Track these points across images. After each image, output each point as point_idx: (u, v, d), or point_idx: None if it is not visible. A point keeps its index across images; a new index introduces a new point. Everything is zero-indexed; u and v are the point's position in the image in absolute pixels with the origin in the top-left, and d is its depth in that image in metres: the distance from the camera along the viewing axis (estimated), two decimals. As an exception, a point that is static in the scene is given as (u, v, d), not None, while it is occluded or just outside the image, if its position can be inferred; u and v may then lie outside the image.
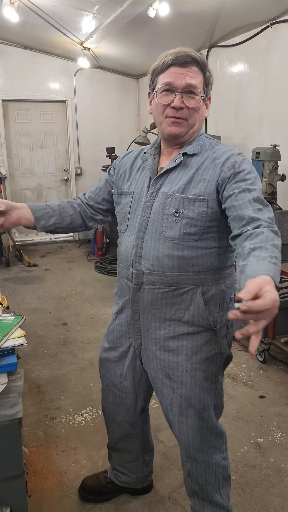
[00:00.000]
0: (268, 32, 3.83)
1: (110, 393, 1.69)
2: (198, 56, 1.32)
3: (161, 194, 1.37)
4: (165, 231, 1.35)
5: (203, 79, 1.34)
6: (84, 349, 3.29)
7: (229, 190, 1.27)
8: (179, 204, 1.33)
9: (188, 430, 1.49)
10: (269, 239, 1.10)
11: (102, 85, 6.48)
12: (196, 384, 1.44)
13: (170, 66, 1.31)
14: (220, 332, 1.44)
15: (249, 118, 4.27)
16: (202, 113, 1.39)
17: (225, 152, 1.35)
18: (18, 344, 1.38)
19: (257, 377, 2.89)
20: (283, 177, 3.36)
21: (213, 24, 4.13)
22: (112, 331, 1.62)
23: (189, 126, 1.36)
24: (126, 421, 1.72)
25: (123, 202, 1.49)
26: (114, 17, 4.15)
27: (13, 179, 6.43)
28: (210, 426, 1.50)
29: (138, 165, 1.50)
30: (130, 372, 1.60)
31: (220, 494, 1.58)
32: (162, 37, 4.46)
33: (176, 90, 1.31)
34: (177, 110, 1.32)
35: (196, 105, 1.33)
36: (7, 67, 5.93)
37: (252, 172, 1.31)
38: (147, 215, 1.39)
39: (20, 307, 4.09)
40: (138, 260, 1.40)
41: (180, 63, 1.30)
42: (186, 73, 1.30)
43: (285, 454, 2.17)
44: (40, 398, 2.65)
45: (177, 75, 1.30)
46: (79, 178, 6.74)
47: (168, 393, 1.48)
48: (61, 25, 4.70)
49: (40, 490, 1.96)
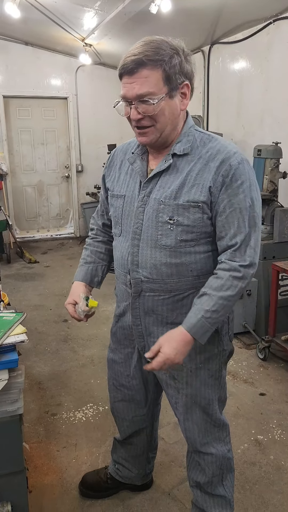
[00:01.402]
0: (270, 28, 3.81)
1: (119, 392, 1.69)
2: (144, 56, 1.17)
3: (153, 200, 1.31)
4: (161, 239, 1.30)
5: (162, 75, 1.19)
6: (85, 346, 3.29)
7: (220, 204, 1.25)
8: (173, 211, 1.28)
9: (194, 427, 1.50)
10: (222, 288, 1.25)
11: (103, 81, 6.46)
12: (201, 383, 1.45)
13: (121, 76, 1.23)
14: (222, 330, 1.44)
15: (250, 115, 4.26)
16: (170, 113, 1.25)
17: (220, 152, 1.26)
18: (19, 340, 1.38)
19: (258, 374, 2.89)
20: (284, 175, 3.36)
21: (215, 20, 4.11)
22: (115, 333, 1.61)
23: (159, 131, 1.26)
24: (137, 416, 1.72)
25: (116, 205, 1.44)
26: (116, 13, 4.13)
27: (14, 176, 6.42)
28: (214, 419, 1.51)
29: (127, 165, 1.43)
30: (138, 372, 1.60)
31: (223, 486, 1.59)
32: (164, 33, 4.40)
33: (130, 103, 1.23)
34: (136, 121, 1.25)
35: (153, 112, 1.21)
36: (9, 64, 5.92)
37: (246, 181, 1.25)
38: (140, 221, 1.34)
39: (21, 303, 4.09)
40: (135, 269, 1.36)
41: (127, 71, 1.20)
42: (135, 81, 1.19)
43: (285, 452, 2.18)
44: (41, 395, 2.65)
45: (127, 85, 1.21)
46: (80, 175, 6.73)
47: (173, 393, 1.49)
48: (62, 21, 4.69)
49: (40, 486, 1.96)
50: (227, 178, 1.24)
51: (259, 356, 3.09)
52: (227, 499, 1.61)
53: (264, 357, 3.05)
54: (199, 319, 1.24)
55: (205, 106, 5.05)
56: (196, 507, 1.66)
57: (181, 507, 1.85)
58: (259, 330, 3.36)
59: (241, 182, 1.24)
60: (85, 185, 6.73)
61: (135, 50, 1.20)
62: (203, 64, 4.93)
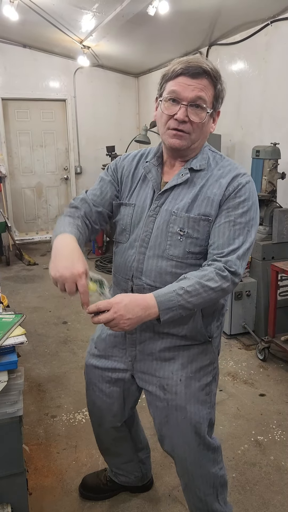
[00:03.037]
0: (269, 29, 3.82)
1: (98, 399, 1.64)
2: (211, 68, 1.23)
3: (164, 211, 1.33)
4: (169, 249, 1.32)
5: (214, 93, 1.27)
6: (84, 347, 3.29)
7: (219, 214, 1.28)
8: (184, 223, 1.29)
9: (184, 445, 1.46)
10: (203, 277, 1.20)
11: (102, 83, 6.47)
12: (191, 395, 1.41)
13: (179, 75, 1.23)
14: (214, 342, 1.44)
15: (249, 116, 4.27)
16: (206, 129, 1.31)
17: (231, 171, 1.31)
18: (18, 342, 1.38)
19: (257, 375, 2.89)
20: (283, 175, 3.36)
21: (213, 22, 4.12)
22: (104, 339, 1.57)
23: (191, 141, 1.29)
24: (113, 427, 1.68)
25: (123, 212, 1.43)
26: (113, 15, 4.14)
27: (13, 178, 6.42)
28: (207, 442, 1.47)
29: (140, 175, 1.43)
30: (120, 381, 1.55)
31: (218, 502, 1.57)
32: (162, 35, 4.45)
33: (181, 101, 1.23)
34: (179, 123, 1.25)
35: (200, 121, 1.25)
36: (7, 66, 5.92)
37: (249, 199, 1.28)
38: (149, 230, 1.35)
39: (20, 305, 4.09)
40: (139, 276, 1.36)
41: (190, 74, 1.22)
42: (195, 85, 1.22)
43: (285, 452, 2.18)
44: (41, 397, 2.65)
45: (185, 86, 1.22)
46: (79, 176, 6.73)
47: (162, 406, 1.44)
48: (60, 24, 4.69)
49: (40, 487, 1.96)
50: (233, 193, 1.27)
51: (258, 356, 3.09)
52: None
53: (263, 357, 3.05)
54: (170, 291, 1.19)
55: (203, 108, 5.05)
56: None
57: (181, 508, 1.85)
58: (259, 330, 3.36)
59: (244, 198, 1.27)
60: (84, 187, 6.72)
61: (199, 59, 1.24)
62: (201, 65, 4.93)
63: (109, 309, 1.15)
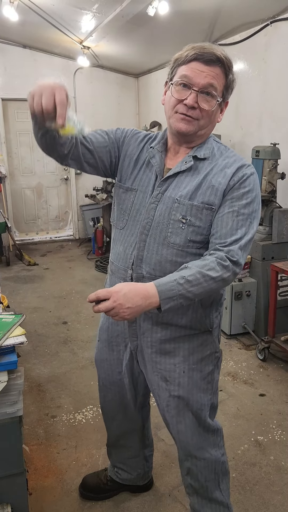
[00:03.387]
0: (268, 30, 3.82)
1: (109, 391, 1.68)
2: (225, 56, 1.23)
3: (167, 198, 1.32)
4: (170, 237, 1.31)
5: (225, 83, 1.27)
6: (85, 347, 3.29)
7: (223, 203, 1.28)
8: (187, 211, 1.29)
9: (187, 430, 1.49)
10: (204, 267, 1.19)
11: (101, 84, 6.47)
12: (193, 385, 1.44)
13: (192, 60, 1.22)
14: (214, 332, 1.44)
15: (249, 116, 4.27)
16: (214, 118, 1.32)
17: (236, 161, 1.32)
18: (18, 342, 1.38)
19: (257, 375, 2.89)
20: (282, 176, 3.36)
21: (213, 22, 4.12)
22: (107, 330, 1.59)
23: (199, 127, 1.29)
24: (126, 417, 1.72)
25: (124, 197, 1.43)
26: (113, 16, 4.14)
27: (13, 178, 6.42)
28: (207, 426, 1.50)
29: (143, 159, 1.42)
30: (129, 370, 1.59)
31: (220, 490, 1.58)
32: (161, 35, 4.45)
33: (192, 87, 1.23)
34: (188, 108, 1.25)
35: (209, 109, 1.26)
36: (7, 66, 5.93)
37: (253, 191, 1.29)
38: (151, 217, 1.34)
39: (20, 306, 4.09)
40: (139, 264, 1.36)
41: (204, 60, 1.21)
42: (208, 72, 1.22)
43: (285, 452, 2.18)
44: (41, 397, 2.65)
45: (197, 71, 1.22)
46: (79, 177, 6.73)
47: (164, 395, 1.47)
48: (60, 24, 4.69)
49: (40, 488, 1.96)
50: (238, 184, 1.28)
51: (258, 356, 3.09)
52: (225, 504, 1.60)
53: (263, 357, 3.05)
54: (171, 281, 1.18)
55: (203, 108, 5.05)
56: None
57: (182, 508, 1.85)
58: (259, 330, 3.36)
59: (248, 189, 1.28)
60: (84, 188, 6.73)
61: (214, 46, 1.24)
62: (201, 65, 4.93)
63: (109, 298, 1.14)
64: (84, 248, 6.28)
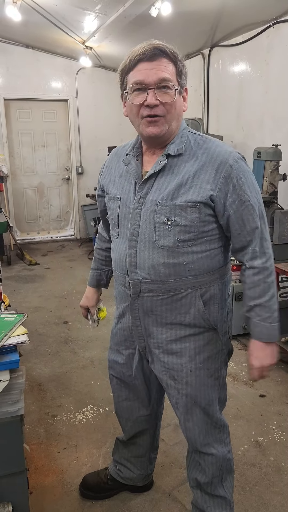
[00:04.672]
0: (270, 31, 3.83)
1: (123, 391, 1.70)
2: (167, 47, 1.24)
3: (149, 202, 1.31)
4: (159, 240, 1.31)
5: (175, 70, 1.26)
6: (85, 347, 3.30)
7: (232, 205, 1.29)
8: (170, 212, 1.28)
9: (194, 427, 1.51)
10: (265, 291, 1.36)
11: (103, 84, 6.48)
12: (200, 383, 1.45)
13: (138, 62, 1.23)
14: (221, 329, 1.45)
15: (250, 117, 4.28)
16: (179, 107, 1.30)
17: (217, 153, 1.29)
18: (20, 341, 1.39)
19: (258, 376, 2.89)
20: (284, 177, 3.37)
21: (215, 23, 4.13)
22: (116, 334, 1.62)
23: (168, 123, 1.28)
24: (141, 416, 1.72)
25: (112, 207, 1.44)
26: (116, 16, 4.15)
27: (15, 178, 6.44)
28: (215, 420, 1.52)
29: (122, 168, 1.43)
30: (139, 372, 1.60)
31: (223, 487, 1.60)
32: (164, 36, 4.42)
33: (147, 87, 1.23)
34: (151, 108, 1.24)
35: (171, 100, 1.25)
36: (9, 66, 5.94)
37: (248, 177, 1.30)
38: (137, 223, 1.34)
39: (21, 305, 4.10)
40: (133, 270, 1.37)
41: (148, 58, 1.22)
42: (156, 67, 1.22)
43: (285, 453, 2.18)
44: (42, 396, 2.66)
45: (146, 71, 1.22)
46: (80, 177, 6.74)
47: (173, 393, 1.49)
48: (63, 24, 4.71)
49: (41, 487, 1.97)
50: (230, 179, 1.27)
51: (259, 357, 3.09)
52: (227, 500, 1.61)
53: (264, 358, 3.05)
54: (266, 326, 1.36)
55: (205, 109, 5.07)
56: (196, 508, 1.66)
57: (182, 508, 1.86)
58: (259, 331, 3.35)
59: (244, 179, 1.29)
60: (85, 187, 6.74)
61: (153, 42, 1.25)
62: (203, 67, 4.94)
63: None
64: (85, 248, 6.28)
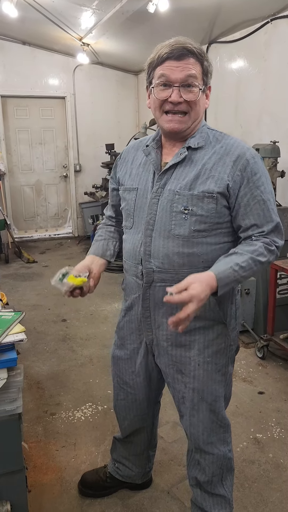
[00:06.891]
0: (268, 28, 3.82)
1: (121, 391, 1.69)
2: (195, 47, 1.28)
3: (167, 191, 1.35)
4: (174, 229, 1.33)
5: (201, 69, 1.30)
6: (84, 345, 3.29)
7: (243, 198, 1.31)
8: (188, 201, 1.31)
9: (199, 424, 1.50)
10: (254, 252, 1.28)
11: (101, 81, 6.46)
12: (208, 377, 1.45)
13: (165, 59, 1.27)
14: (229, 325, 1.45)
15: (248, 114, 4.27)
16: (202, 105, 1.35)
17: (235, 147, 1.33)
18: (18, 339, 1.38)
19: (256, 373, 2.90)
20: (282, 174, 3.36)
21: (213, 20, 4.12)
22: (122, 328, 1.61)
23: (191, 120, 1.33)
24: (138, 415, 1.72)
25: (128, 198, 1.47)
26: (113, 13, 4.13)
27: (12, 176, 6.41)
28: (220, 418, 1.52)
29: (140, 159, 1.47)
30: (143, 368, 1.59)
31: (222, 486, 1.60)
32: (161, 32, 4.41)
33: (173, 84, 1.27)
34: (175, 105, 1.29)
35: (195, 98, 1.29)
36: (6, 63, 5.91)
37: (263, 175, 1.33)
38: (153, 212, 1.37)
39: (19, 303, 4.09)
40: (147, 259, 1.38)
41: (175, 57, 1.26)
42: (183, 66, 1.26)
43: (283, 450, 2.18)
44: (40, 394, 2.65)
45: (173, 68, 1.26)
46: (78, 174, 6.72)
47: (180, 387, 1.49)
48: (60, 21, 4.68)
49: (40, 485, 1.96)
50: (245, 173, 1.31)
51: (257, 354, 3.09)
52: (227, 499, 1.61)
53: (262, 355, 3.05)
54: (228, 268, 1.24)
55: (203, 106, 5.05)
56: (195, 506, 1.66)
57: (181, 505, 1.86)
58: (258, 329, 3.36)
59: (259, 175, 1.32)
60: (83, 185, 6.72)
61: (181, 39, 1.28)
62: (201, 63, 4.92)
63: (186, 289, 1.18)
64: (83, 246, 6.27)
